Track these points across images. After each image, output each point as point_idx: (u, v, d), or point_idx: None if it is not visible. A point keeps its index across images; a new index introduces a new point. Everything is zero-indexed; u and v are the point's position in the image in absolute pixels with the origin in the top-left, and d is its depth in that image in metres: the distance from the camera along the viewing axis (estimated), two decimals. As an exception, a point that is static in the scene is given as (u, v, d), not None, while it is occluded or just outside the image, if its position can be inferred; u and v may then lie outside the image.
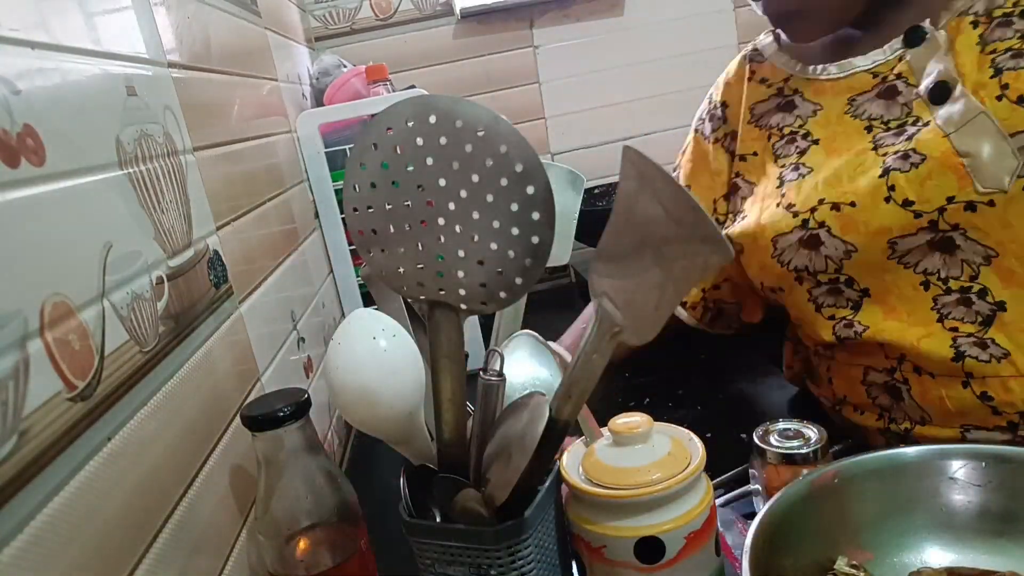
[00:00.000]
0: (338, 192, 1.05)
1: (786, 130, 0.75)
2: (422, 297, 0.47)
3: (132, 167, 0.52)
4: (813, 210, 0.67)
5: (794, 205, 0.69)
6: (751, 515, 0.61)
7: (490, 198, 0.43)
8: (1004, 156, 0.60)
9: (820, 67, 0.74)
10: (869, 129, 0.68)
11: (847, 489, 0.52)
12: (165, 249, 0.55)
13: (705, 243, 0.39)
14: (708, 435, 0.53)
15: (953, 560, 0.50)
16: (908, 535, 0.52)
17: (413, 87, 1.30)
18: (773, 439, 0.59)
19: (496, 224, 0.44)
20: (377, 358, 0.44)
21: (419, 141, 0.43)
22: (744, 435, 0.79)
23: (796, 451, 0.57)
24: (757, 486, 0.62)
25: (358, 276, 1.11)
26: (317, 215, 1.11)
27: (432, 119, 0.43)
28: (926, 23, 0.66)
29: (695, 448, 0.50)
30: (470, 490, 0.47)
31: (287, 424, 0.53)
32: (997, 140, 0.60)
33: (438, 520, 0.49)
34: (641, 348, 0.45)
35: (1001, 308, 0.62)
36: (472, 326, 1.07)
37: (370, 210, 0.46)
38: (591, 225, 0.57)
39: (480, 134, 0.43)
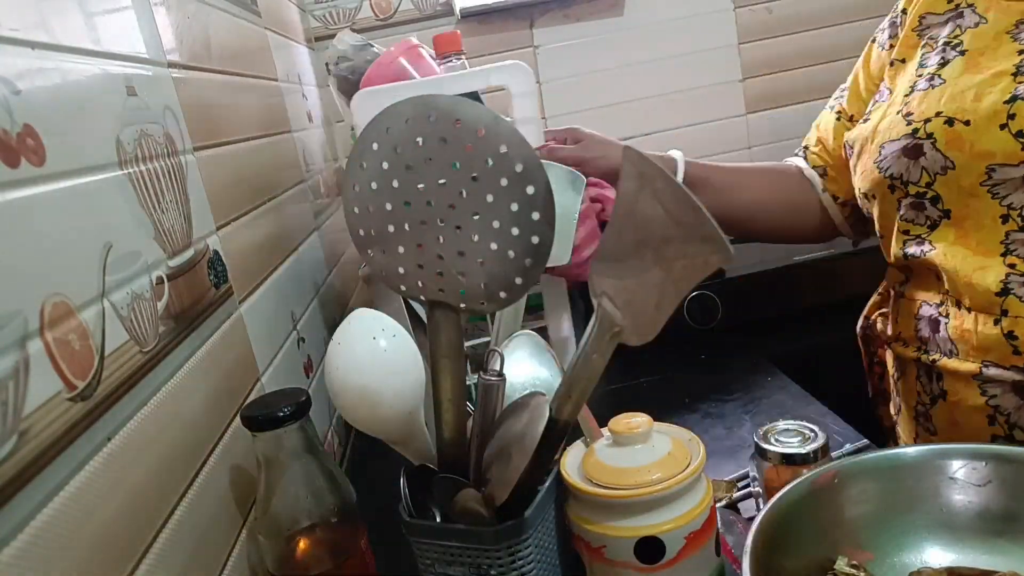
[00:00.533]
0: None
1: (941, 41, 0.73)
2: (422, 297, 0.47)
3: (132, 167, 0.52)
4: (927, 121, 0.68)
5: (912, 114, 0.69)
6: (751, 515, 0.61)
7: (490, 198, 0.43)
8: None
9: None
10: (1021, 53, 0.67)
11: (847, 489, 0.52)
12: (165, 249, 0.55)
13: (706, 243, 0.39)
14: (707, 435, 0.53)
15: (953, 560, 0.50)
16: (908, 535, 0.52)
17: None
18: (773, 439, 0.59)
19: (496, 224, 0.44)
20: (377, 358, 0.44)
21: (419, 141, 0.43)
22: (745, 435, 0.79)
23: (796, 451, 0.57)
24: (758, 487, 0.62)
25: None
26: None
27: (432, 118, 0.43)
28: None
29: (695, 448, 0.50)
30: (470, 490, 0.47)
31: (287, 424, 0.53)
32: None
33: (438, 520, 0.49)
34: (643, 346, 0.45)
35: None
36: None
37: (370, 210, 0.46)
38: (591, 225, 0.57)
39: (480, 134, 0.42)
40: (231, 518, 0.57)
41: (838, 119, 0.86)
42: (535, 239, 0.44)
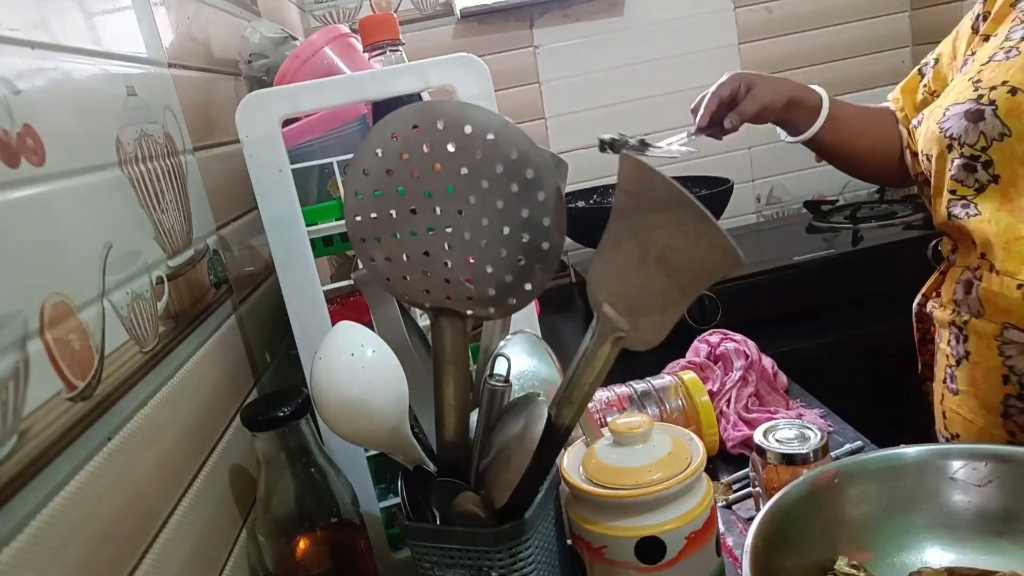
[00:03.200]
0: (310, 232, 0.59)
1: None
2: (427, 305, 0.47)
3: (132, 167, 0.52)
4: (993, 88, 0.69)
5: (980, 81, 0.71)
6: (751, 515, 0.61)
7: (500, 204, 0.43)
8: None
9: None
10: None
11: (847, 489, 0.52)
12: (165, 249, 0.55)
13: (713, 250, 0.39)
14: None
15: (953, 560, 0.50)
16: (908, 535, 0.52)
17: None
18: (773, 439, 0.59)
19: (506, 230, 0.44)
20: (357, 373, 0.44)
21: (426, 148, 0.43)
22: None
23: (796, 451, 0.57)
24: (757, 487, 0.62)
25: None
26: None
27: (440, 125, 0.43)
28: None
29: (695, 448, 0.50)
30: (468, 493, 0.47)
31: (287, 424, 0.53)
32: None
33: (437, 523, 0.49)
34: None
35: None
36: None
37: (374, 217, 0.45)
38: (591, 225, 0.57)
39: (490, 139, 0.42)
40: (231, 518, 0.57)
41: (923, 85, 0.87)
42: (545, 244, 0.44)
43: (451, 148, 0.43)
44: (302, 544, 0.55)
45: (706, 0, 1.59)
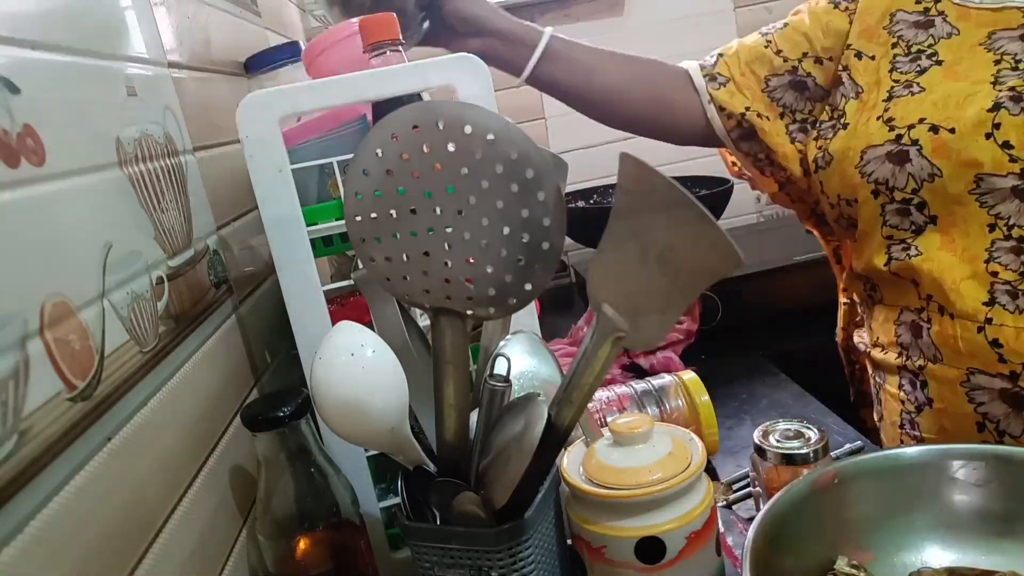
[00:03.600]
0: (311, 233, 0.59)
1: (914, 47, 0.73)
2: (427, 305, 0.47)
3: (132, 167, 0.52)
4: (911, 127, 0.67)
5: (894, 119, 0.69)
6: (751, 515, 0.61)
7: (500, 204, 0.43)
8: None
9: None
10: (997, 63, 0.67)
11: (847, 489, 0.52)
12: (165, 249, 0.55)
13: (713, 251, 0.39)
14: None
15: (953, 560, 0.50)
16: (908, 535, 0.52)
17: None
18: (773, 439, 0.59)
19: (506, 230, 0.44)
20: (356, 374, 0.44)
21: (426, 148, 0.43)
22: (744, 435, 0.79)
23: (796, 451, 0.57)
24: (757, 487, 0.62)
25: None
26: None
27: (440, 125, 0.43)
28: None
29: (695, 448, 0.50)
30: (468, 493, 0.47)
31: (287, 424, 0.53)
32: None
33: (437, 523, 0.49)
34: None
35: None
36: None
37: (374, 217, 0.45)
38: (591, 225, 0.57)
39: (490, 139, 0.42)
40: (231, 518, 0.57)
41: (766, 46, 0.83)
42: (545, 245, 0.44)
43: (451, 148, 0.43)
44: (302, 544, 0.55)
45: (706, 0, 1.60)
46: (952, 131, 0.65)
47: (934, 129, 0.66)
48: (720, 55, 0.87)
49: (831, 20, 0.80)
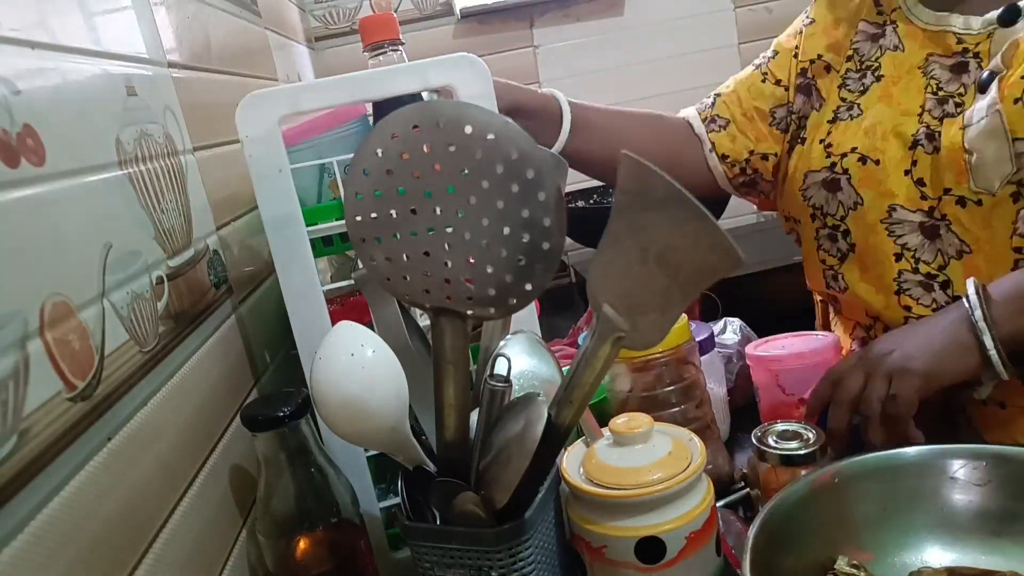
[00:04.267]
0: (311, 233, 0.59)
1: (865, 63, 0.75)
2: (427, 305, 0.47)
3: (132, 167, 0.52)
4: (844, 155, 0.71)
5: (831, 145, 0.72)
6: (751, 515, 0.61)
7: (500, 204, 0.43)
8: (1002, 160, 0.61)
9: (922, 8, 0.72)
10: (927, 89, 0.69)
11: (847, 489, 0.52)
12: (165, 249, 0.55)
13: (713, 250, 0.39)
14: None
15: (953, 560, 0.50)
16: (908, 535, 0.52)
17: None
18: (772, 440, 0.59)
19: (506, 230, 0.44)
20: (356, 374, 0.44)
21: (426, 148, 0.43)
22: (744, 436, 0.79)
23: (795, 452, 0.57)
24: (756, 488, 0.62)
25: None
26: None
27: (440, 125, 0.43)
28: None
29: (695, 448, 0.50)
30: (468, 493, 0.47)
31: (287, 424, 0.53)
32: (1000, 142, 0.61)
33: (437, 523, 0.49)
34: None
35: (955, 301, 0.63)
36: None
37: (374, 217, 0.45)
38: (591, 225, 0.57)
39: (490, 139, 0.42)
40: (231, 518, 0.57)
41: (763, 80, 0.83)
42: (545, 245, 0.44)
43: (451, 148, 0.43)
44: (302, 544, 0.55)
45: (706, 0, 1.60)
46: (877, 163, 0.69)
47: (863, 160, 0.69)
48: (717, 95, 0.87)
49: (802, 39, 0.82)
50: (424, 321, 0.62)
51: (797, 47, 0.82)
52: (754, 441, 0.60)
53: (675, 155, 0.86)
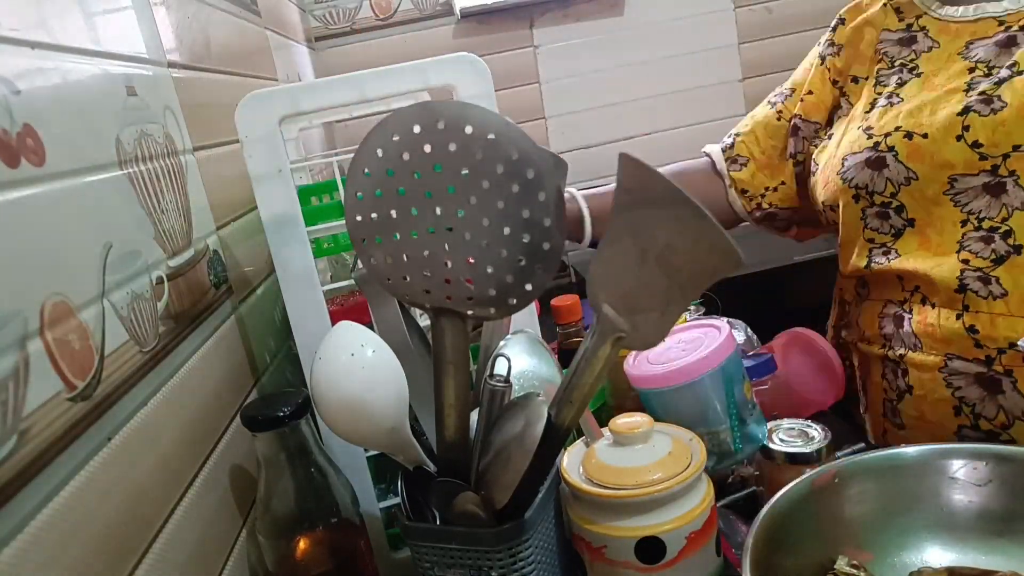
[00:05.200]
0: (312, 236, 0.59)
1: (897, 61, 0.78)
2: (428, 305, 0.47)
3: (132, 167, 0.52)
4: (887, 135, 0.71)
5: (872, 128, 0.73)
6: (752, 515, 0.61)
7: (501, 204, 0.43)
8: None
9: (954, 8, 0.76)
10: (971, 71, 0.70)
11: (847, 489, 0.52)
12: (165, 249, 0.55)
13: (713, 251, 0.39)
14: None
15: (953, 560, 0.50)
16: (908, 535, 0.51)
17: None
18: (777, 438, 0.59)
19: (507, 231, 0.44)
20: (356, 374, 0.44)
21: (427, 148, 0.43)
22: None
23: (800, 450, 0.57)
24: (760, 486, 0.62)
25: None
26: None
27: (441, 125, 0.43)
28: None
29: (695, 448, 0.50)
30: (468, 493, 0.47)
31: (287, 424, 0.53)
32: None
33: (437, 523, 0.49)
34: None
35: (1017, 252, 0.65)
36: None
37: (374, 217, 0.45)
38: (591, 225, 0.57)
39: (491, 139, 0.42)
40: (231, 518, 0.57)
41: (778, 119, 0.89)
42: (546, 245, 0.44)
43: (452, 148, 0.43)
44: (302, 544, 0.55)
45: (706, 0, 1.60)
46: (925, 136, 0.69)
47: (908, 136, 0.70)
48: (736, 135, 0.92)
49: (822, 72, 0.86)
50: (424, 321, 0.62)
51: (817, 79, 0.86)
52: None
53: (701, 195, 0.89)
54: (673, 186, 0.39)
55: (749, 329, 0.93)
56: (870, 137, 0.73)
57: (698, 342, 0.64)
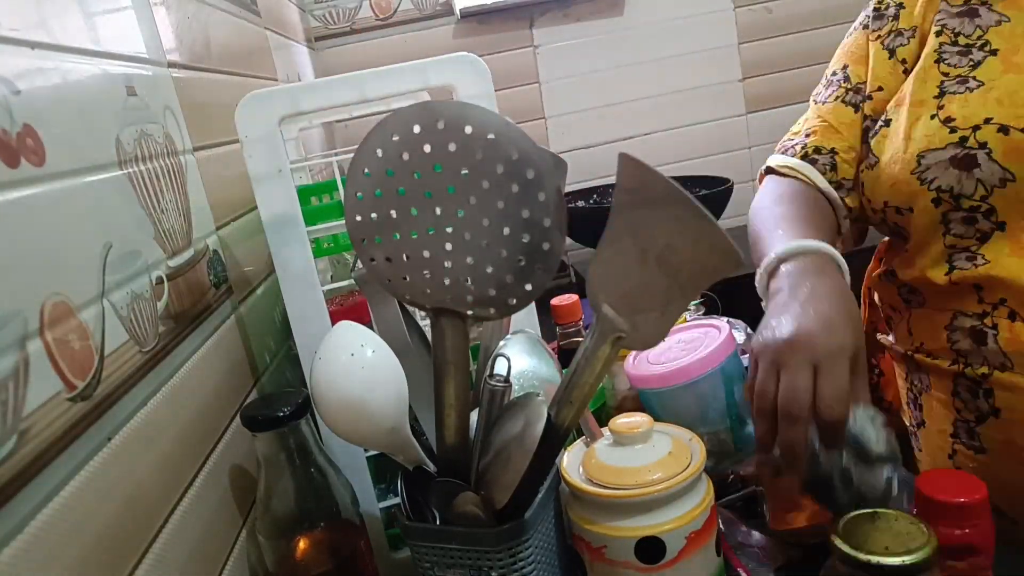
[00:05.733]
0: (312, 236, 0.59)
1: (960, 39, 0.68)
2: (428, 305, 0.47)
3: (132, 167, 0.52)
4: (976, 128, 0.62)
5: (954, 119, 0.63)
6: (752, 515, 0.61)
7: (500, 204, 0.43)
8: None
9: None
10: None
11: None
12: (165, 249, 0.55)
13: (712, 251, 0.39)
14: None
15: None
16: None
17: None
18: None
19: (506, 231, 0.44)
20: (356, 374, 0.44)
21: (427, 148, 0.43)
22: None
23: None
24: (761, 486, 0.61)
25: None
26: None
27: (440, 125, 0.43)
28: None
29: (695, 448, 0.50)
30: (469, 493, 0.47)
31: (287, 424, 0.53)
32: None
33: (437, 523, 0.49)
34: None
35: None
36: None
37: (374, 218, 0.45)
38: (591, 225, 0.57)
39: (491, 140, 0.42)
40: (231, 518, 0.57)
41: (865, 125, 0.75)
42: (545, 245, 0.44)
43: (452, 148, 0.43)
44: (302, 544, 0.55)
45: (706, 0, 1.60)
46: (1023, 131, 0.60)
47: (1004, 130, 0.61)
48: (834, 151, 0.76)
49: (877, 51, 0.76)
50: (424, 321, 0.62)
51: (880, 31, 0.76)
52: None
53: (825, 229, 0.74)
54: (673, 186, 0.39)
55: (749, 329, 0.92)
56: (953, 131, 0.63)
57: (698, 342, 0.64)
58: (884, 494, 0.48)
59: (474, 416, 0.50)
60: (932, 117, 0.65)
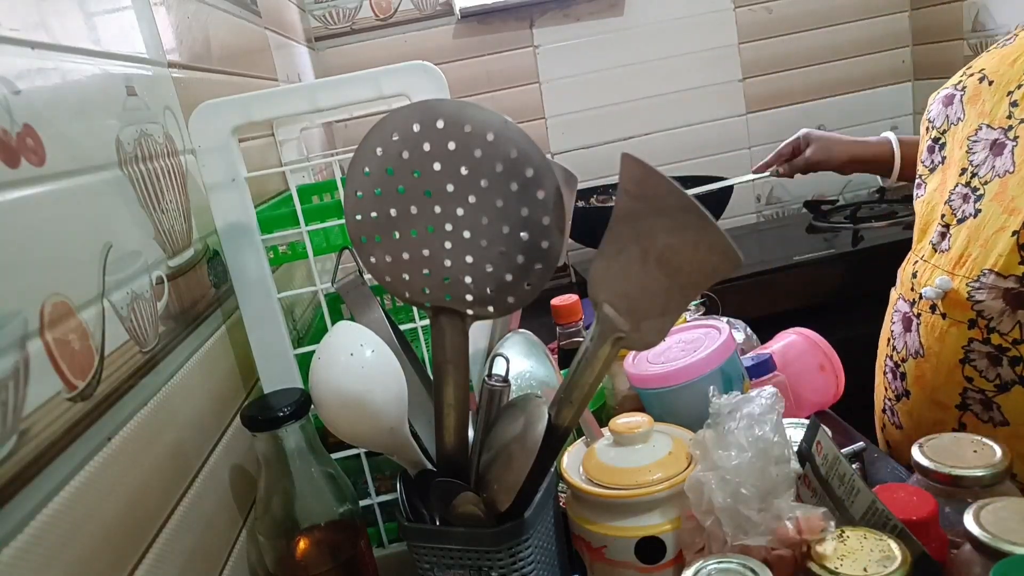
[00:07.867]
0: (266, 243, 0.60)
1: None
2: (427, 304, 0.47)
3: (132, 167, 0.52)
4: None
5: None
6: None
7: (499, 203, 0.43)
8: None
9: None
10: None
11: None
12: (165, 249, 0.55)
13: (713, 251, 0.39)
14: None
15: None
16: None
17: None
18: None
19: (505, 229, 0.44)
20: (355, 374, 0.44)
21: (426, 147, 0.43)
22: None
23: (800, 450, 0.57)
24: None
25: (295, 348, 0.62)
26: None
27: (440, 124, 0.43)
28: None
29: (695, 448, 0.50)
30: (468, 493, 0.47)
31: (287, 424, 0.53)
32: None
33: (437, 524, 0.49)
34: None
35: None
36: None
37: (374, 217, 0.46)
38: (591, 225, 0.57)
39: (489, 138, 0.42)
40: (231, 518, 0.57)
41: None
42: (544, 244, 0.44)
43: (451, 147, 0.43)
44: (302, 544, 0.55)
45: (706, 0, 1.60)
46: None
47: None
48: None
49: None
50: (424, 321, 0.62)
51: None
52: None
53: None
54: (675, 187, 0.39)
55: (749, 329, 0.92)
56: None
57: (698, 342, 0.64)
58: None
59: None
60: None
